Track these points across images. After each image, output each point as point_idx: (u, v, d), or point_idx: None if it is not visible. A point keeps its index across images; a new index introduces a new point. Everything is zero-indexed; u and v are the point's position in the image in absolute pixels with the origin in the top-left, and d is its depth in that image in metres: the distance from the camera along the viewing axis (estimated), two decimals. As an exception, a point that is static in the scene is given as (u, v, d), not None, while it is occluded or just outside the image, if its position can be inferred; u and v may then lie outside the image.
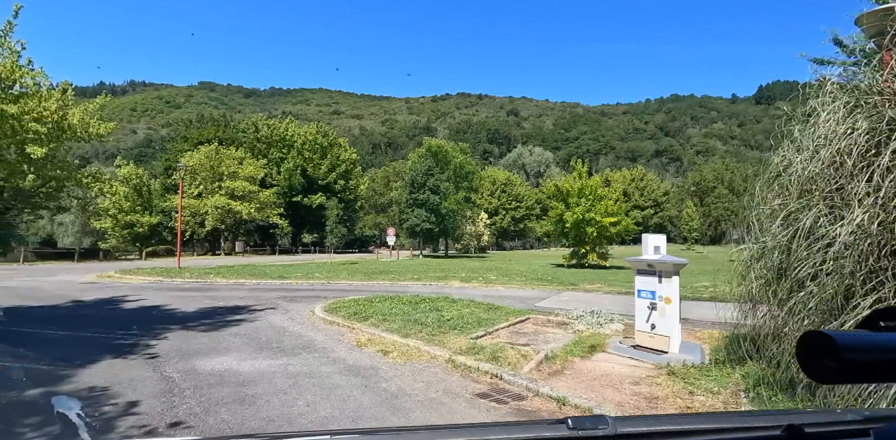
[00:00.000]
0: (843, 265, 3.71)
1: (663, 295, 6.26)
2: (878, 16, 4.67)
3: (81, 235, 65.19)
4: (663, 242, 6.74)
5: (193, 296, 11.79)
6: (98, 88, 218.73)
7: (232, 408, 4.12)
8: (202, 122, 54.05)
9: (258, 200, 40.32)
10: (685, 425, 0.91)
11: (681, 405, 4.28)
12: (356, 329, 7.53)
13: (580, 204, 23.48)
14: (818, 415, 0.97)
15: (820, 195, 4.14)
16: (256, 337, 7.05)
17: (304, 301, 10.93)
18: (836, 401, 3.59)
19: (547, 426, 0.87)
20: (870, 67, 4.46)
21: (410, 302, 9.88)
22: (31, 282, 14.26)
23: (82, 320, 8.41)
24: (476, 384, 4.99)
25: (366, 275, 17.72)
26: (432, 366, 5.64)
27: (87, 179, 26.68)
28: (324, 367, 5.48)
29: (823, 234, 3.92)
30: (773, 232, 4.69)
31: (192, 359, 5.75)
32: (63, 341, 6.70)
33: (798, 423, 0.84)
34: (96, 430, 3.62)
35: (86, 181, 26.52)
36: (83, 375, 5.01)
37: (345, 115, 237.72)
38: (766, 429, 0.87)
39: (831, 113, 4.36)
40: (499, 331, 7.53)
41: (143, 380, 4.88)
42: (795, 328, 4.08)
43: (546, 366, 5.56)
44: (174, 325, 7.88)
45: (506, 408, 4.31)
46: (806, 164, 4.45)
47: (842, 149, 4.03)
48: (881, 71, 4.37)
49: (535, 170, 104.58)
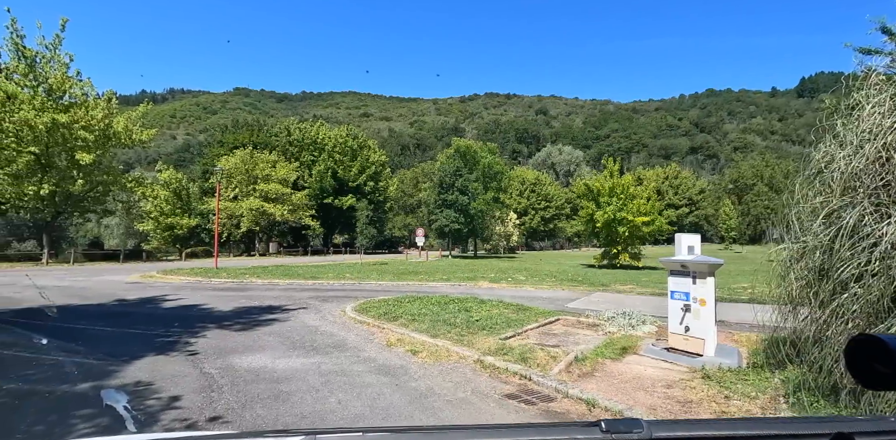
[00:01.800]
0: (889, 266, 3.54)
1: (698, 296, 6.09)
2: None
3: (126, 237, 68.36)
4: (697, 242, 6.56)
5: (230, 295, 12.19)
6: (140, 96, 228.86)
7: (267, 404, 4.26)
8: (237, 127, 55.77)
9: (291, 202, 41.32)
10: (725, 431, 0.88)
11: (716, 409, 4.16)
12: (386, 329, 7.64)
13: (611, 203, 23.03)
14: (868, 423, 0.93)
15: (865, 192, 3.95)
16: (290, 336, 7.24)
17: (335, 301, 11.15)
18: (883, 408, 3.43)
19: (580, 428, 0.85)
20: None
21: (439, 302, 9.94)
22: (81, 282, 15.06)
23: (127, 318, 8.82)
24: (505, 385, 4.99)
25: (395, 276, 17.90)
26: (461, 366, 5.67)
27: (132, 184, 28.14)
28: (355, 366, 5.59)
29: (868, 233, 3.74)
30: (815, 231, 4.50)
31: (229, 356, 5.96)
32: (110, 338, 7.06)
33: (848, 431, 0.80)
34: (142, 423, 3.81)
35: (130, 185, 28.01)
36: (129, 370, 5.27)
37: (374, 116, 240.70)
38: (813, 437, 0.83)
39: (877, 106, 4.16)
40: (528, 332, 7.49)
41: (183, 376, 5.10)
42: (839, 331, 3.91)
43: (576, 368, 5.50)
44: (212, 324, 8.18)
45: (534, 410, 4.29)
46: (850, 159, 4.26)
47: (888, 143, 3.84)
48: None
49: (564, 169, 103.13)
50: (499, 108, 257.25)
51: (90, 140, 23.42)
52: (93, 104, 24.88)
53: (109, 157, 26.86)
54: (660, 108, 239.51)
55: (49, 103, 22.70)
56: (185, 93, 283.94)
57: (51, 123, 21.90)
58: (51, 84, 22.99)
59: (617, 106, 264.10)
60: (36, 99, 22.17)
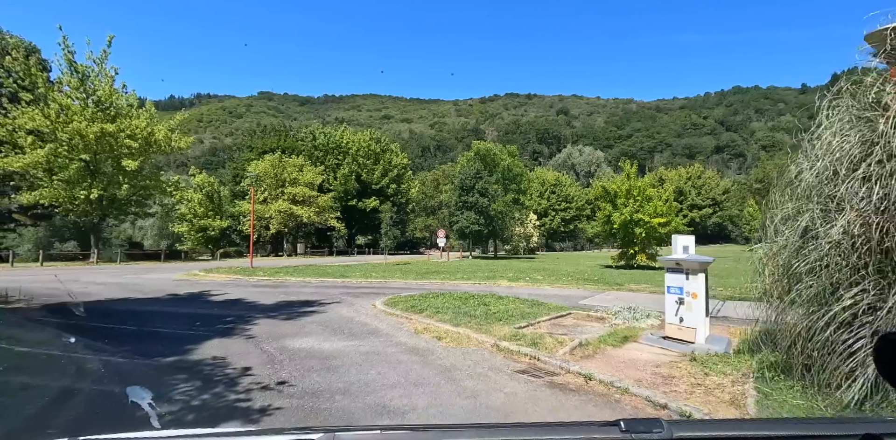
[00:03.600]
0: (829, 262, 4.30)
1: (690, 290, 6.85)
2: (883, 35, 5.14)
3: (159, 238, 71.31)
4: (692, 242, 7.30)
5: (269, 291, 13.36)
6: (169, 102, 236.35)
7: (321, 374, 5.24)
8: (265, 132, 57.81)
9: (317, 205, 42.87)
10: (750, 431, 0.86)
11: (692, 382, 4.96)
12: (413, 319, 8.59)
13: (628, 205, 23.57)
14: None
15: (816, 200, 4.71)
16: (329, 324, 8.26)
17: (365, 297, 12.17)
18: (832, 380, 4.20)
19: (598, 427, 0.84)
20: (870, 85, 4.94)
21: (460, 298, 10.85)
22: (133, 279, 16.51)
23: (185, 309, 10.00)
24: (516, 363, 5.87)
25: (418, 275, 18.88)
26: (480, 349, 6.57)
27: (171, 188, 29.91)
28: (388, 348, 6.54)
29: (816, 235, 4.51)
30: (783, 232, 5.26)
31: (281, 339, 6.99)
32: (176, 324, 8.19)
33: (876, 433, 0.79)
34: (226, 385, 4.83)
35: (170, 189, 29.76)
36: (204, 349, 6.34)
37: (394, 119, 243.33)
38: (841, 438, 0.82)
39: (833, 124, 4.91)
40: (540, 323, 8.33)
41: (248, 353, 6.13)
42: (793, 318, 4.68)
43: (579, 352, 6.34)
44: (259, 314, 9.27)
45: (540, 381, 5.16)
46: (810, 172, 5.01)
47: (835, 160, 4.60)
48: (884, 86, 4.86)
49: (585, 170, 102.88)
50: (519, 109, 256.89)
51: (134, 148, 25.18)
52: (136, 114, 26.69)
53: (151, 164, 28.70)
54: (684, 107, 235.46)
55: (98, 114, 24.50)
56: (212, 97, 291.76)
57: (100, 133, 23.67)
58: (99, 96, 24.81)
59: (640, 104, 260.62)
60: (87, 110, 23.98)
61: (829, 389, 4.21)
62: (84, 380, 4.87)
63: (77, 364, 5.27)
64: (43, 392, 4.32)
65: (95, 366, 5.28)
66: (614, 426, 0.81)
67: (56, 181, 24.68)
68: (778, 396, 4.34)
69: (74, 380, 4.77)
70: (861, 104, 4.78)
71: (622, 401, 4.55)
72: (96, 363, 5.38)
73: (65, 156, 24.42)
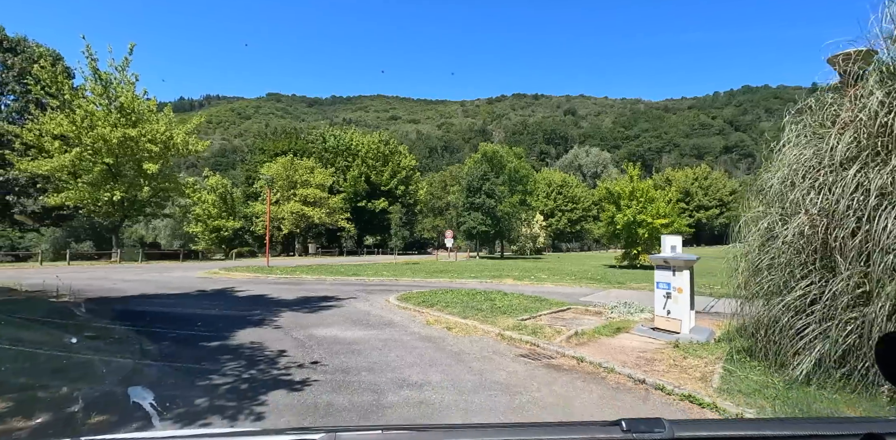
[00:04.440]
0: (786, 258, 5.02)
1: (676, 285, 7.56)
2: (842, 58, 5.84)
3: (172, 238, 72.74)
4: (679, 242, 8.02)
5: (288, 288, 14.21)
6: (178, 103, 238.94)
7: (347, 356, 6.04)
8: (276, 134, 58.97)
9: (328, 206, 43.85)
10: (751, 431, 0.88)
11: (670, 363, 5.69)
12: (424, 313, 9.37)
13: (631, 206, 24.21)
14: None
15: (778, 205, 5.43)
16: (348, 316, 9.07)
17: (378, 293, 12.97)
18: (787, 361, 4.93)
19: (600, 427, 0.86)
20: (829, 104, 5.64)
21: (468, 294, 11.63)
22: (159, 277, 17.45)
23: (214, 303, 10.86)
24: (518, 349, 6.63)
25: (427, 274, 19.67)
26: (485, 337, 7.33)
27: (189, 190, 30.96)
28: (404, 337, 7.33)
29: (775, 235, 5.23)
30: (753, 233, 5.97)
31: (307, 329, 7.81)
32: (210, 316, 9.03)
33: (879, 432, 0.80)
34: (268, 363, 5.63)
35: (188, 192, 30.81)
36: (241, 336, 7.16)
37: (402, 119, 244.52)
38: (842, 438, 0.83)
39: (792, 139, 5.63)
40: (541, 316, 9.08)
41: (280, 340, 6.94)
42: (757, 308, 5.40)
43: (575, 340, 7.08)
44: (283, 308, 10.09)
45: (538, 363, 5.92)
46: (775, 180, 5.73)
47: (793, 170, 5.31)
48: (841, 103, 5.56)
49: (591, 171, 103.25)
50: (526, 109, 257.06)
51: (155, 151, 26.24)
52: (156, 119, 27.77)
53: (170, 166, 29.79)
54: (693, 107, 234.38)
55: (121, 119, 25.59)
56: (221, 99, 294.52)
57: (123, 137, 24.73)
58: (121, 102, 25.88)
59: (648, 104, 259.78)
60: (110, 116, 25.07)
61: (782, 367, 4.94)
62: (151, 358, 5.71)
63: (141, 345, 6.10)
64: (124, 364, 5.16)
65: (154, 349, 6.11)
66: (615, 426, 0.82)
67: (81, 184, 25.79)
68: (741, 373, 5.07)
69: (141, 357, 5.60)
70: (817, 121, 5.49)
71: (607, 378, 5.30)
72: (154, 346, 6.22)
73: (89, 159, 25.52)
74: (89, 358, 5.51)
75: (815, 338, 4.65)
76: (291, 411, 4.07)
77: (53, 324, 6.73)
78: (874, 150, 4.50)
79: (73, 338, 5.17)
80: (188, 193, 30.28)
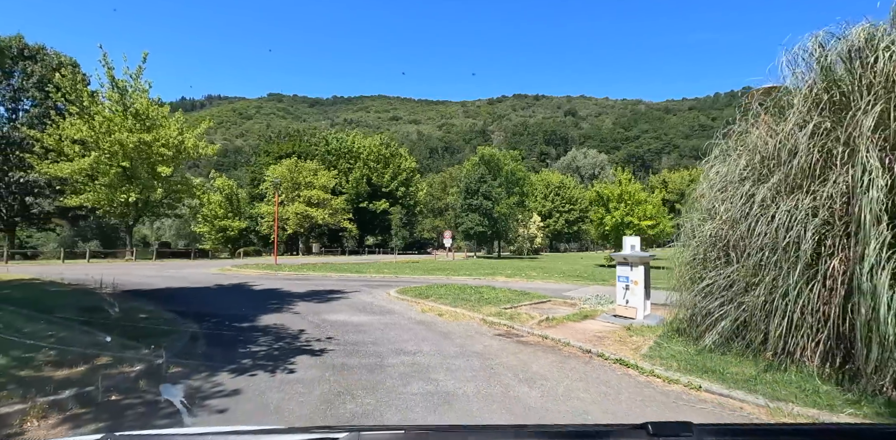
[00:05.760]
0: (701, 255, 6.38)
1: (633, 279, 8.91)
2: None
3: (177, 238, 74.17)
4: (637, 242, 9.36)
5: (298, 283, 15.59)
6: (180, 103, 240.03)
7: (355, 334, 7.40)
8: (279, 136, 60.44)
9: (331, 207, 45.26)
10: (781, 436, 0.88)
11: (616, 340, 7.04)
12: (420, 303, 10.74)
13: (619, 208, 25.57)
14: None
15: (699, 212, 6.79)
16: (354, 306, 10.44)
17: (380, 287, 14.35)
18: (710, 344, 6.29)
19: (626, 430, 0.85)
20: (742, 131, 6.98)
21: (460, 288, 12.99)
22: (177, 274, 18.85)
23: (234, 295, 12.25)
24: (496, 330, 8.00)
25: (425, 272, 21.04)
26: (471, 322, 8.70)
27: (199, 191, 32.36)
28: (401, 321, 8.70)
29: (695, 235, 6.59)
30: (682, 234, 7.34)
31: (320, 314, 9.18)
32: (234, 305, 10.41)
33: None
34: (292, 338, 6.99)
35: (198, 193, 32.21)
36: (264, 319, 8.54)
37: (403, 120, 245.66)
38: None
39: (711, 159, 7.00)
40: (522, 306, 10.43)
41: (298, 322, 8.31)
42: (683, 295, 6.76)
43: (545, 324, 8.44)
44: (296, 299, 11.47)
45: (510, 340, 7.28)
46: (697, 191, 7.10)
47: (710, 184, 6.68)
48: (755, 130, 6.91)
49: (589, 172, 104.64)
50: (527, 110, 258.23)
51: (168, 155, 27.67)
52: (168, 124, 29.21)
53: (182, 169, 31.23)
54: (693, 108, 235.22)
55: (136, 125, 27.01)
56: (222, 99, 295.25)
57: (138, 142, 26.16)
58: (136, 109, 27.31)
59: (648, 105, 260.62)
60: (126, 122, 26.50)
61: (698, 340, 6.29)
62: (201, 331, 7.09)
63: (185, 327, 7.47)
64: (181, 335, 6.55)
65: (200, 327, 7.49)
66: (641, 429, 0.80)
67: (99, 186, 27.23)
68: (666, 345, 6.43)
69: (195, 331, 6.97)
70: (731, 145, 6.86)
71: (563, 350, 6.66)
72: (198, 325, 7.60)
73: (105, 163, 26.94)
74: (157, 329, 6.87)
75: (720, 317, 6.00)
76: (316, 368, 5.43)
77: (117, 307, 8.12)
78: (761, 171, 5.86)
79: (141, 314, 6.51)
80: (198, 195, 31.71)
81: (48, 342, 5.62)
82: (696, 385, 4.89)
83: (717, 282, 6.08)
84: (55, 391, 4.07)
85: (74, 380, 4.42)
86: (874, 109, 4.64)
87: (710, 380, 4.97)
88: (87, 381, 4.39)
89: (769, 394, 4.45)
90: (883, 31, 5.25)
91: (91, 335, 6.13)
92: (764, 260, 5.40)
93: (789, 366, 5.18)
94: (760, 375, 5.04)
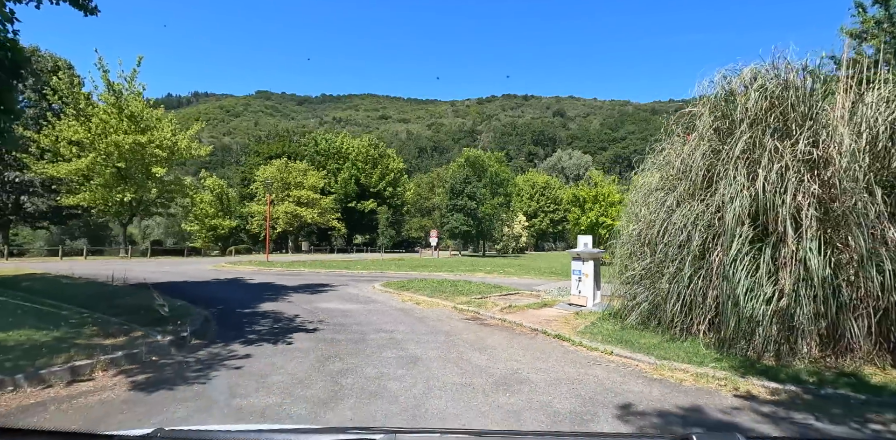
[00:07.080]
0: (628, 250, 7.78)
1: (584, 272, 10.29)
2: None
3: (165, 236, 74.46)
4: (590, 240, 10.78)
5: (290, 277, 16.80)
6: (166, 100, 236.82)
7: (342, 317, 8.68)
8: (269, 136, 61.23)
9: (320, 206, 46.31)
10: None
11: (562, 322, 8.42)
12: (401, 294, 12.04)
13: (594, 209, 27.11)
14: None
15: (627, 214, 8.19)
16: (342, 296, 11.71)
17: (366, 282, 15.62)
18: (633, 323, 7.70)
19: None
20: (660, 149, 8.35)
21: (438, 282, 14.32)
22: (175, 269, 19.92)
23: (232, 288, 13.43)
24: (464, 315, 9.33)
25: (410, 268, 22.34)
26: (444, 309, 10.02)
27: (191, 191, 33.24)
28: (383, 308, 9.99)
29: (625, 234, 7.99)
30: (617, 234, 8.73)
31: (312, 303, 10.44)
32: (235, 295, 11.62)
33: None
34: (288, 321, 8.25)
35: (190, 193, 33.10)
36: (263, 307, 9.78)
37: (392, 119, 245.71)
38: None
39: (641, 171, 8.40)
40: (491, 297, 11.77)
41: (293, 309, 9.57)
42: (616, 284, 8.16)
43: (507, 310, 9.79)
44: (290, 291, 12.70)
45: (475, 323, 8.61)
46: (629, 197, 8.50)
47: (638, 191, 8.08)
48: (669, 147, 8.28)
49: (574, 173, 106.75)
50: (516, 110, 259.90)
51: (162, 156, 28.60)
52: (161, 126, 30.11)
53: (175, 170, 32.13)
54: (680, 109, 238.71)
55: (131, 127, 27.91)
56: (209, 96, 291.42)
57: (134, 144, 27.07)
58: (132, 111, 28.19)
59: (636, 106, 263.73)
60: (122, 124, 27.39)
61: (624, 320, 7.68)
62: (212, 316, 8.32)
63: (197, 311, 8.69)
64: (195, 317, 7.79)
65: (207, 314, 8.72)
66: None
67: (95, 186, 28.07)
68: (600, 325, 7.81)
69: (204, 320, 8.20)
70: (658, 160, 8.26)
71: (516, 330, 8.02)
72: (208, 311, 8.82)
73: (101, 164, 27.79)
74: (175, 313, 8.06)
75: (640, 301, 7.40)
76: (311, 341, 6.71)
77: (133, 296, 9.30)
78: (672, 182, 7.27)
79: (157, 302, 7.71)
80: (190, 194, 32.62)
81: (87, 321, 6.83)
82: (609, 351, 6.27)
83: (639, 272, 7.48)
84: (110, 352, 5.31)
85: (119, 346, 5.66)
86: (743, 137, 6.05)
87: (622, 347, 6.34)
88: (130, 347, 5.63)
89: (660, 356, 5.84)
90: (763, 73, 6.68)
91: (120, 316, 7.34)
92: (669, 254, 6.79)
93: (687, 338, 6.58)
94: (662, 344, 6.43)
